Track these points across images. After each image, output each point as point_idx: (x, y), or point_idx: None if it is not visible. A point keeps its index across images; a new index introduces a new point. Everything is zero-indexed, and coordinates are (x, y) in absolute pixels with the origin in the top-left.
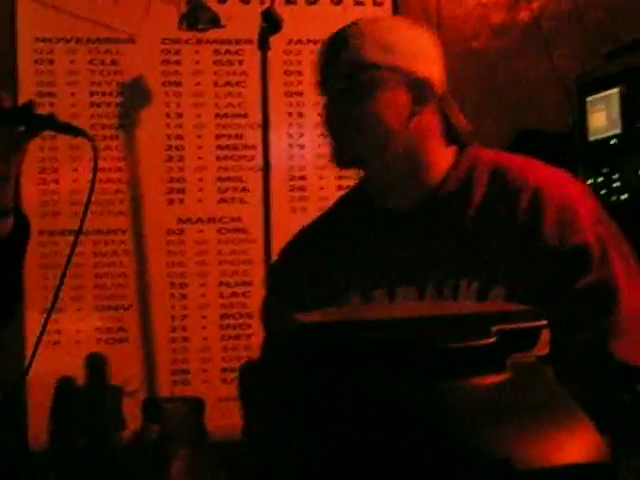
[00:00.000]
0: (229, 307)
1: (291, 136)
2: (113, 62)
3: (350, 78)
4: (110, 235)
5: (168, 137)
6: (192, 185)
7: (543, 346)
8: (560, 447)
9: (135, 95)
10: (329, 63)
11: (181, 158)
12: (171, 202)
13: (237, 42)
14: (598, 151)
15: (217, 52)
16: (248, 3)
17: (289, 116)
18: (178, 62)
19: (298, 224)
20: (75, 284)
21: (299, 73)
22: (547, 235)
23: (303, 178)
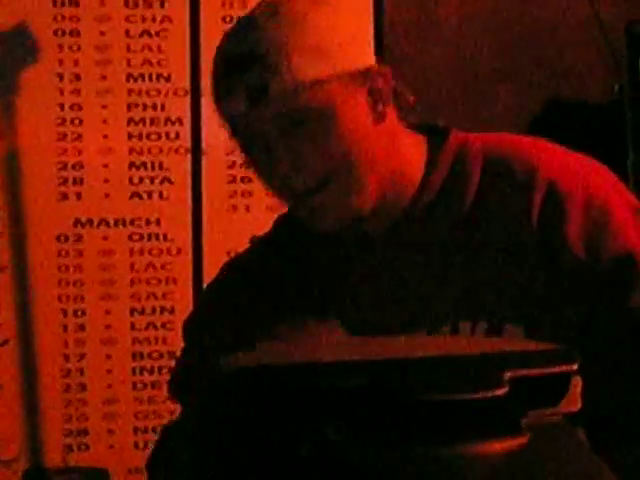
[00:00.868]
0: (144, 343)
1: None
2: None
3: (287, 118)
4: None
5: (61, 107)
6: (93, 174)
7: (573, 400)
8: None
9: (15, 48)
10: (247, 97)
11: (79, 136)
12: (64, 197)
13: None
14: None
15: None
16: None
17: None
18: (76, 3)
19: (240, 228)
20: None
21: None
22: (571, 245)
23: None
